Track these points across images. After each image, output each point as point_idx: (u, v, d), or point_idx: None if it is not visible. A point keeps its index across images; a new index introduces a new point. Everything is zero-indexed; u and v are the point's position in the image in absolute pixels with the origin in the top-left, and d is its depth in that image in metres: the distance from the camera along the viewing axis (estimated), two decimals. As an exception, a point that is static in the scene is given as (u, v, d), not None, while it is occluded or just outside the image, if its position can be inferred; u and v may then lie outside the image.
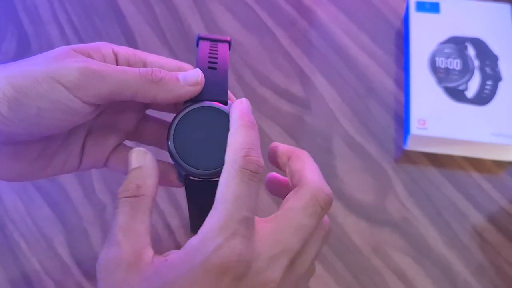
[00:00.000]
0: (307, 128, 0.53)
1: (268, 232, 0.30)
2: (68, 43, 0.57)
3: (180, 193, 0.49)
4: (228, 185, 0.29)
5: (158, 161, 0.36)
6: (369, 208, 0.49)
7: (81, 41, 0.57)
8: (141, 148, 0.32)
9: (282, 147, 0.35)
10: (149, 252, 0.29)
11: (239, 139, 0.30)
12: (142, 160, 0.31)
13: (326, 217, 0.33)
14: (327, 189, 0.32)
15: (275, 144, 0.36)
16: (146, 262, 0.28)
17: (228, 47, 0.37)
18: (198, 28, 0.58)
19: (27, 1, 0.60)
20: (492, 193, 0.50)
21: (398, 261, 0.46)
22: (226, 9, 0.60)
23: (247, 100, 0.33)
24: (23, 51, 0.56)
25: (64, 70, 0.29)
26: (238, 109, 0.32)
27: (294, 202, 0.31)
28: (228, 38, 0.37)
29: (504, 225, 0.48)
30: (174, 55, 0.56)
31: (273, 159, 0.36)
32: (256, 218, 0.30)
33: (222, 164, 0.31)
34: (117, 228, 0.29)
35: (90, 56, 0.32)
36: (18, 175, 0.34)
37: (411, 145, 0.51)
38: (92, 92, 0.30)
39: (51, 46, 0.57)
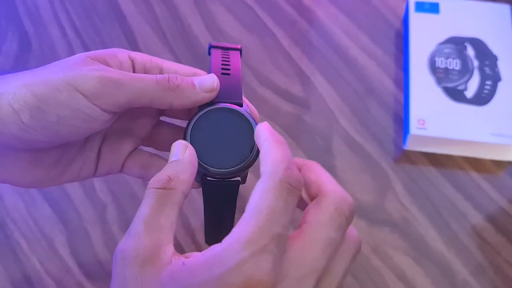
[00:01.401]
0: (307, 128, 0.53)
1: (295, 249, 0.28)
2: (69, 43, 0.57)
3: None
4: (264, 196, 0.27)
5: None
6: (369, 208, 0.49)
7: (82, 41, 0.57)
8: (183, 141, 0.31)
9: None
10: (169, 250, 0.27)
11: (278, 152, 0.29)
12: (181, 152, 0.31)
13: (355, 232, 0.31)
14: (349, 198, 0.31)
15: None
16: (164, 261, 0.27)
17: (239, 55, 0.37)
18: (198, 28, 0.58)
19: (28, 1, 0.60)
20: (492, 193, 0.50)
21: (397, 261, 0.46)
22: (227, 10, 0.60)
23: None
24: (24, 51, 0.57)
25: (82, 79, 0.30)
26: (265, 128, 0.31)
27: (318, 214, 0.29)
28: (239, 46, 0.38)
29: (504, 225, 0.48)
30: (174, 55, 0.57)
31: None
32: None
33: (239, 163, 0.32)
34: (140, 219, 0.28)
35: (106, 63, 0.32)
36: (36, 182, 0.34)
37: (411, 145, 0.51)
38: (110, 101, 0.30)
39: (52, 47, 0.57)
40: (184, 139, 0.32)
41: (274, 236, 0.26)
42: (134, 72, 0.34)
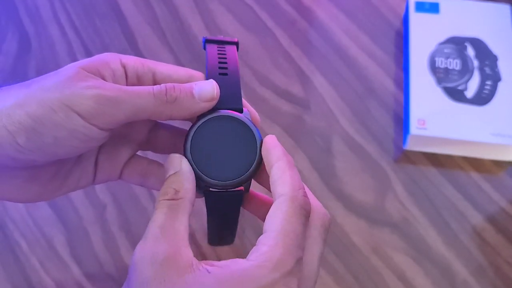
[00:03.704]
0: (307, 128, 0.53)
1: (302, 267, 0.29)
2: (68, 43, 0.57)
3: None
4: (289, 219, 0.28)
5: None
6: (369, 208, 0.49)
7: (82, 41, 0.57)
8: (176, 154, 0.32)
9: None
10: (189, 252, 0.28)
11: (295, 177, 0.30)
12: (178, 165, 0.31)
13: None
14: (327, 213, 0.32)
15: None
16: (185, 263, 0.27)
17: (236, 49, 0.36)
18: (198, 28, 0.58)
19: (28, 1, 0.60)
20: (492, 193, 0.50)
21: (397, 261, 0.46)
22: (227, 10, 0.60)
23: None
24: (24, 51, 0.57)
25: (78, 99, 0.29)
26: (275, 144, 0.31)
27: (310, 231, 0.30)
28: (235, 40, 0.36)
29: (504, 225, 0.48)
30: (174, 55, 0.57)
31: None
32: None
33: (241, 174, 0.31)
34: (156, 225, 0.28)
35: (100, 73, 0.31)
36: (34, 197, 0.33)
37: (411, 145, 0.51)
38: (108, 120, 0.30)
39: (51, 46, 0.57)
40: (184, 150, 0.31)
41: (298, 259, 0.28)
42: (127, 79, 0.33)
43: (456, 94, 0.52)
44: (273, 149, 0.31)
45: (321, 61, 0.57)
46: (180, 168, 0.31)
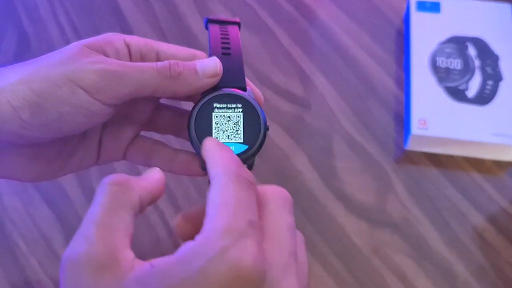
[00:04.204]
0: (307, 128, 0.53)
1: (267, 238, 0.26)
2: (68, 43, 0.56)
3: (180, 194, 0.48)
4: (226, 190, 0.25)
5: (180, 150, 0.36)
6: (370, 209, 0.49)
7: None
8: (156, 168, 0.30)
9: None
10: (128, 254, 0.25)
11: (227, 154, 0.28)
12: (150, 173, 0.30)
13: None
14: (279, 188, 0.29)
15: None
16: (124, 267, 0.24)
17: (238, 29, 0.36)
18: (198, 27, 0.58)
19: (27, 0, 0.60)
20: (493, 193, 0.50)
21: (398, 262, 0.46)
22: (226, 9, 0.60)
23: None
24: (23, 50, 0.56)
25: (82, 73, 0.29)
26: (208, 141, 0.30)
27: (268, 205, 0.28)
28: (237, 20, 0.37)
29: (505, 225, 0.48)
30: (174, 54, 0.56)
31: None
32: None
33: (246, 151, 0.32)
34: (90, 221, 0.25)
35: (103, 51, 0.32)
36: (38, 176, 0.34)
37: (412, 145, 0.51)
38: (112, 94, 0.30)
39: (51, 46, 0.57)
40: (188, 128, 0.32)
41: (250, 221, 0.24)
42: (130, 58, 0.34)
43: (457, 94, 0.52)
44: (204, 145, 0.30)
45: (321, 61, 0.57)
46: (150, 175, 0.29)
